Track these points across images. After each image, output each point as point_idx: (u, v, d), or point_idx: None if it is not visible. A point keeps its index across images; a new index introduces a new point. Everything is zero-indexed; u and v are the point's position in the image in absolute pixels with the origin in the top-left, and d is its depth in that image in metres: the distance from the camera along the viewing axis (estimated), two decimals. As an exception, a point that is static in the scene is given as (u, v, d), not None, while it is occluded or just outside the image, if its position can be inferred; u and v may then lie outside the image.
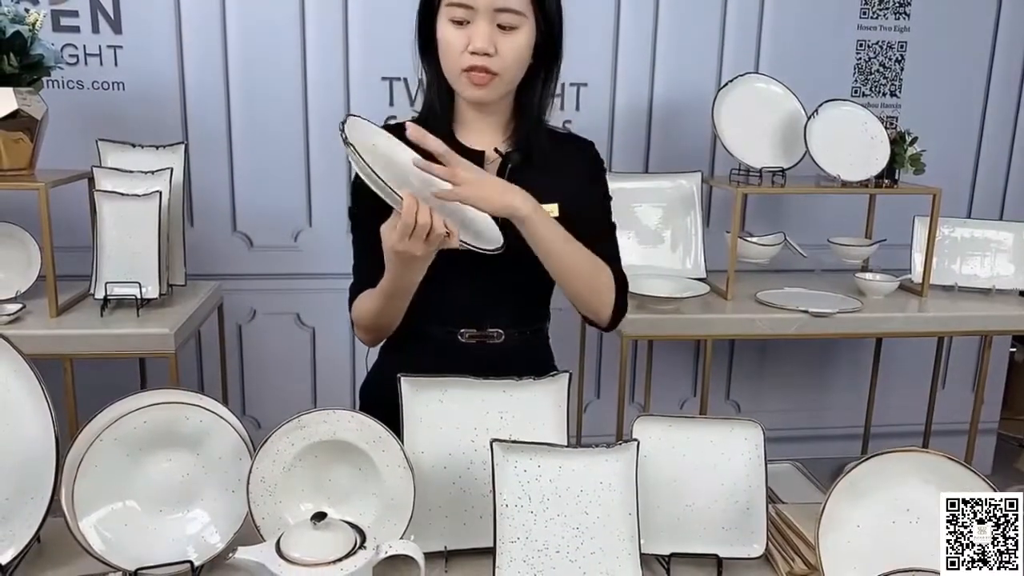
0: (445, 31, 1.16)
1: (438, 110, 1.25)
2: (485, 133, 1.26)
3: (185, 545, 1.02)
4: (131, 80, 2.21)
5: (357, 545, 0.89)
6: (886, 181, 2.24)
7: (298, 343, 2.47)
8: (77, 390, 1.78)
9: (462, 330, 1.27)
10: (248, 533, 1.01)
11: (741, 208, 2.16)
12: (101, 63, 2.19)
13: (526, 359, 1.26)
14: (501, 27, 1.14)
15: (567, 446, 1.04)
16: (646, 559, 1.04)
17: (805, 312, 2.09)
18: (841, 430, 2.76)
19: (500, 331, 1.27)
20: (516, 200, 1.12)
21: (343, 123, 1.04)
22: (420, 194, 1.05)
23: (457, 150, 1.19)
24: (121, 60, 2.19)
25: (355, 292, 1.27)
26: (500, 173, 1.23)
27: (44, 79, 1.89)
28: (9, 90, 1.77)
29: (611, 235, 1.30)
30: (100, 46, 2.18)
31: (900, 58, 2.54)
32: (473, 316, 1.27)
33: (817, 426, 2.78)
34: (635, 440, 1.03)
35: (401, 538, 1.01)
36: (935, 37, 2.52)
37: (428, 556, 0.98)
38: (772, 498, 1.24)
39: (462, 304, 1.26)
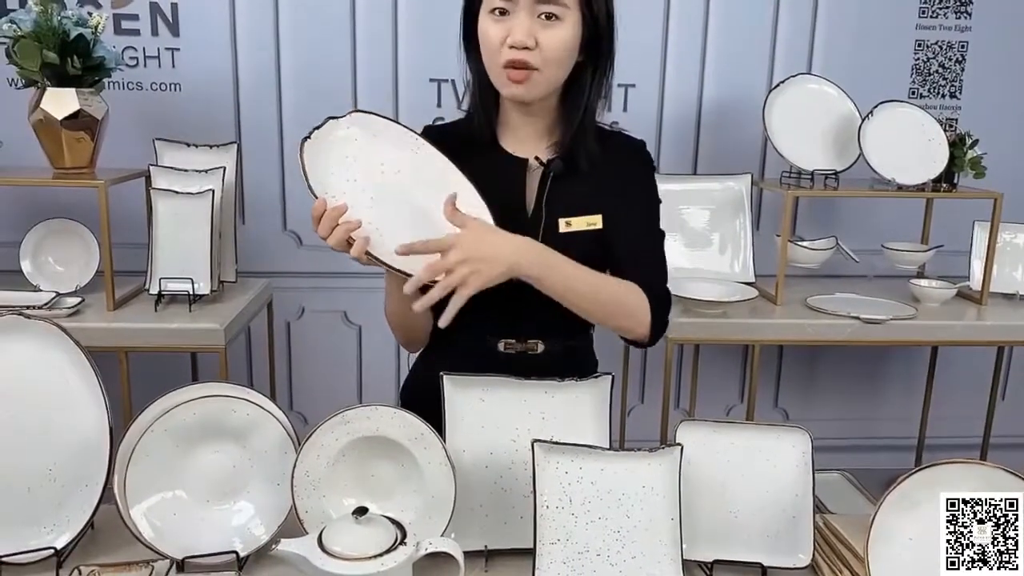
0: (485, 25, 1.12)
1: (482, 112, 1.21)
2: (529, 137, 1.22)
3: (231, 536, 1.04)
4: (187, 81, 2.26)
5: (398, 541, 0.89)
6: (944, 185, 2.18)
7: (345, 341, 2.50)
8: (132, 382, 1.83)
9: (500, 340, 1.24)
10: (292, 526, 1.03)
11: (792, 211, 2.12)
12: (159, 65, 2.25)
13: (568, 372, 1.14)
14: (545, 18, 1.10)
15: (609, 448, 1.03)
16: (688, 565, 1.02)
17: (857, 319, 2.04)
18: (893, 441, 2.69)
19: (540, 342, 1.24)
20: (520, 263, 1.07)
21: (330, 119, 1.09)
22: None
23: (499, 157, 1.18)
24: (178, 62, 2.25)
25: None
26: (542, 182, 1.20)
27: (105, 80, 1.95)
28: (72, 91, 1.84)
29: (657, 247, 1.23)
30: (158, 48, 2.24)
31: (960, 58, 2.46)
32: (511, 326, 1.23)
33: (868, 436, 2.71)
34: (679, 444, 1.01)
35: (442, 535, 1.01)
36: (998, 37, 2.44)
37: (468, 555, 0.98)
38: (820, 508, 1.21)
39: (498, 313, 1.20)
